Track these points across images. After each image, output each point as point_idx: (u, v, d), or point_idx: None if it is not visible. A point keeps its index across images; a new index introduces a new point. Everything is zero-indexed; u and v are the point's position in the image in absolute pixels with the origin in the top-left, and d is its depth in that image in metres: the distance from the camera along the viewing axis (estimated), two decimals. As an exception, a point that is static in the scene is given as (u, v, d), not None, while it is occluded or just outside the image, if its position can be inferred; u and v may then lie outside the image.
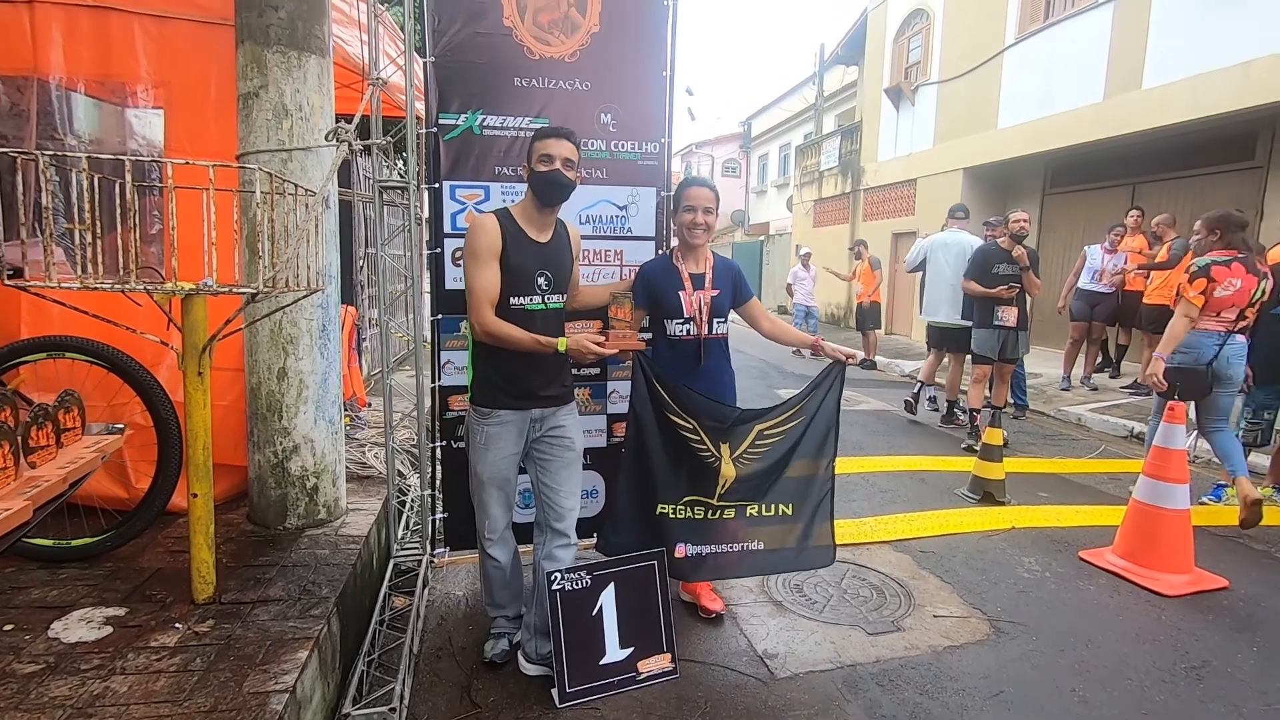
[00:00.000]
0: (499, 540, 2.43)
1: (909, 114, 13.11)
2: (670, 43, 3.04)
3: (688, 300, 2.58)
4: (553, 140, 2.25)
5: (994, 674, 2.46)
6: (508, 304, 2.22)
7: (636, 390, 2.57)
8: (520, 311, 2.24)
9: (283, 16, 2.61)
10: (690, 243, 2.61)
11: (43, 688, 1.76)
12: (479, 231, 2.21)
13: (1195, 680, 2.43)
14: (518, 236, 2.25)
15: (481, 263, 2.18)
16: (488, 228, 2.21)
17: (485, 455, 2.31)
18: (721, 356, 2.69)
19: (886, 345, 11.64)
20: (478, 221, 2.24)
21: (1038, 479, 4.81)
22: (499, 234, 2.20)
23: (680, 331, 2.59)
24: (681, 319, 2.58)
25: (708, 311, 2.58)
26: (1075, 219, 9.91)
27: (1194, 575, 3.17)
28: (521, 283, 2.24)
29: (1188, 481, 3.25)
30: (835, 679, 2.41)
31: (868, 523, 3.83)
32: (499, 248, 2.20)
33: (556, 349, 2.17)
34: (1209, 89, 7.32)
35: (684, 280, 2.60)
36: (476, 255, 2.18)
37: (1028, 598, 3.04)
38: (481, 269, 2.19)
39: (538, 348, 2.18)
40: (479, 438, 2.31)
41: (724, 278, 2.67)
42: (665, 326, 2.60)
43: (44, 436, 1.65)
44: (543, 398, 2.32)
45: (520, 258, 2.23)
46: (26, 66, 2.77)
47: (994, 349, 5.43)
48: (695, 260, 2.65)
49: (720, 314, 2.63)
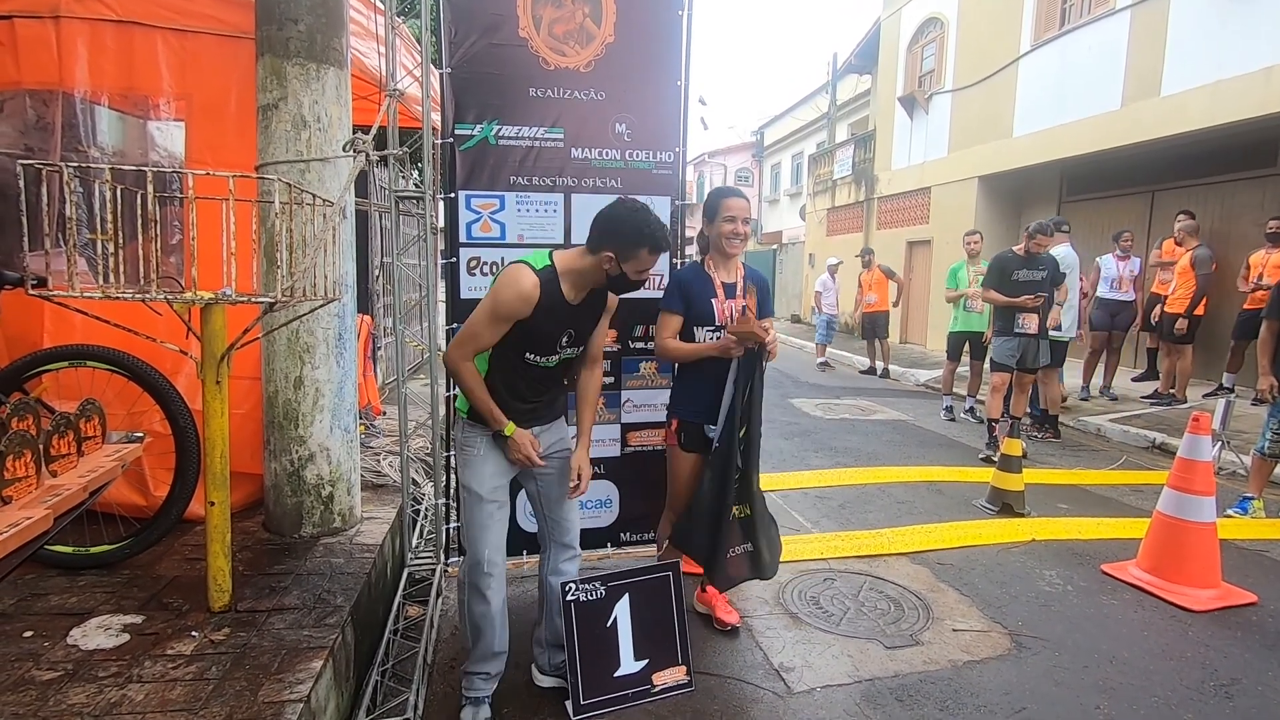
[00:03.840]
0: (496, 576, 2.15)
1: (923, 122, 13.06)
2: (684, 53, 3.05)
3: (720, 308, 2.58)
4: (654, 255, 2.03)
5: (1016, 690, 2.41)
6: (522, 357, 2.07)
7: (743, 387, 2.49)
8: (533, 365, 2.10)
9: (302, 30, 2.65)
10: (728, 252, 2.61)
11: (61, 695, 1.77)
12: (514, 294, 1.95)
13: (1225, 698, 2.37)
14: (553, 305, 2.01)
15: (498, 320, 1.98)
16: (525, 294, 1.95)
17: (483, 468, 2.13)
18: None
19: (901, 354, 11.55)
20: (518, 279, 1.96)
21: (1058, 490, 4.73)
22: (533, 305, 1.96)
23: (711, 338, 2.58)
24: (713, 326, 2.58)
25: None
26: (1092, 227, 9.80)
27: (1221, 590, 3.10)
28: (543, 343, 2.07)
29: (1214, 494, 3.18)
30: (853, 694, 2.37)
31: (884, 534, 3.78)
32: (526, 314, 1.97)
33: (502, 430, 2.07)
34: (1229, 95, 7.23)
35: (717, 288, 2.60)
36: (496, 313, 1.97)
37: (1049, 612, 2.98)
38: (492, 325, 1.99)
39: (490, 420, 2.07)
40: (475, 449, 2.14)
41: (755, 288, 2.68)
42: (696, 334, 2.60)
43: (65, 445, 1.66)
44: (544, 414, 2.24)
45: (549, 324, 2.03)
46: (52, 80, 2.82)
47: (1013, 357, 5.36)
48: (728, 269, 2.65)
49: None
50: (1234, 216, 8.01)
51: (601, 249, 1.99)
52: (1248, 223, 7.71)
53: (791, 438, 6.00)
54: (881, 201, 14.64)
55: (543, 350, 2.07)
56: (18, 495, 1.48)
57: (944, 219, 12.10)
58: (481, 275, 2.90)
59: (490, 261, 2.90)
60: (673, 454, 2.69)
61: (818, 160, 18.54)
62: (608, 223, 2.00)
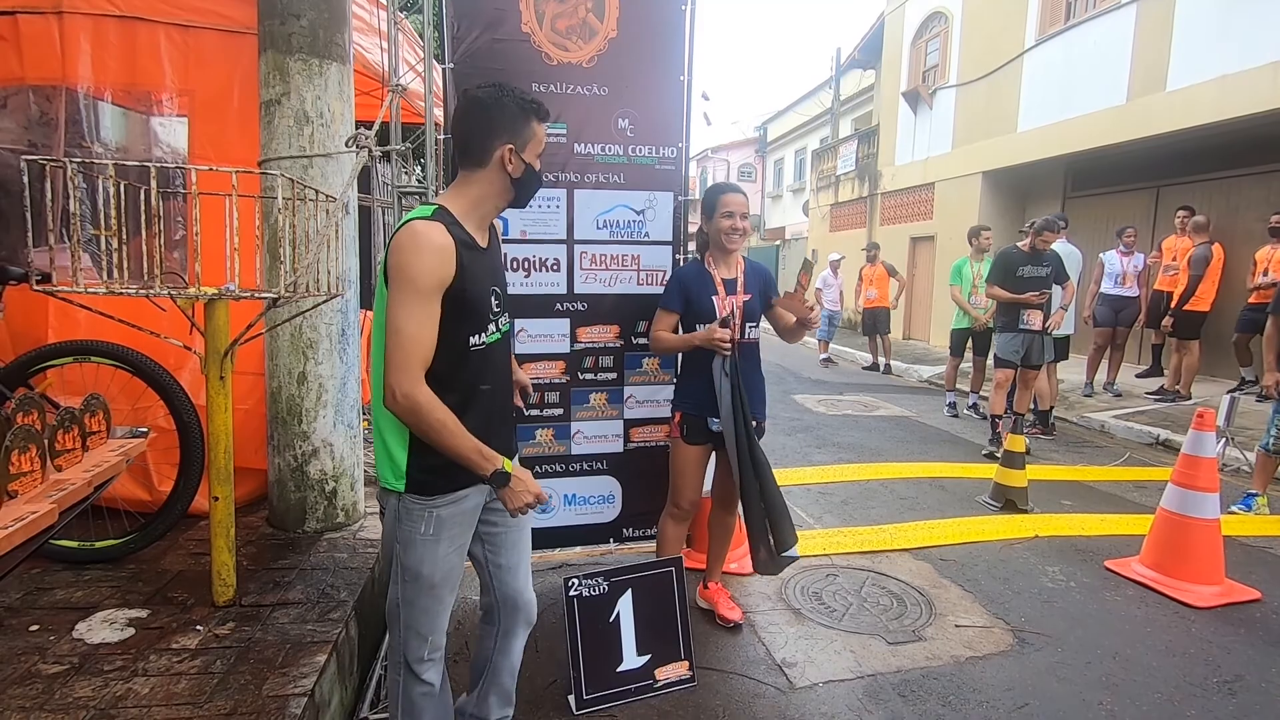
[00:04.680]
0: (442, 651, 1.76)
1: (927, 117, 13.01)
2: (687, 47, 3.04)
3: (721, 305, 2.56)
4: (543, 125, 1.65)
5: (1018, 686, 2.41)
6: (467, 347, 1.57)
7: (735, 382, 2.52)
8: (480, 354, 1.61)
9: (304, 25, 2.64)
10: (727, 247, 2.59)
11: (67, 688, 1.78)
12: (430, 253, 1.44)
13: (1228, 695, 2.37)
14: (472, 253, 1.55)
15: (426, 301, 1.45)
16: (441, 244, 1.46)
17: (436, 550, 1.61)
18: (754, 362, 2.67)
19: (904, 350, 11.53)
20: (425, 233, 1.46)
21: (1061, 487, 4.72)
22: (454, 257, 1.48)
23: None
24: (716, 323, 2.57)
25: (740, 316, 2.56)
26: (1097, 222, 9.76)
27: (1225, 587, 3.10)
28: (478, 313, 1.58)
29: (1218, 490, 3.18)
30: (855, 689, 2.38)
31: (887, 530, 3.78)
32: (451, 273, 1.48)
33: (500, 468, 1.52)
34: (1237, 90, 7.18)
35: (717, 285, 2.58)
36: (421, 290, 1.44)
37: (1052, 608, 2.98)
38: (423, 311, 1.45)
39: (478, 462, 1.50)
40: (424, 528, 1.59)
41: (755, 283, 2.65)
42: (697, 330, 2.59)
43: (70, 440, 1.67)
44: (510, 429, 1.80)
45: (476, 281, 1.55)
46: (55, 76, 2.82)
47: (1018, 353, 5.36)
48: (728, 265, 2.63)
49: (752, 318, 2.61)
50: (1239, 212, 7.97)
51: (492, 149, 1.55)
52: (1253, 218, 7.67)
53: (794, 434, 6.00)
54: (885, 197, 14.59)
55: (480, 323, 1.60)
56: (23, 490, 1.49)
57: (948, 215, 12.07)
58: (484, 271, 2.90)
59: (493, 257, 2.90)
60: (676, 446, 2.69)
61: (821, 156, 18.49)
62: (479, 118, 1.57)
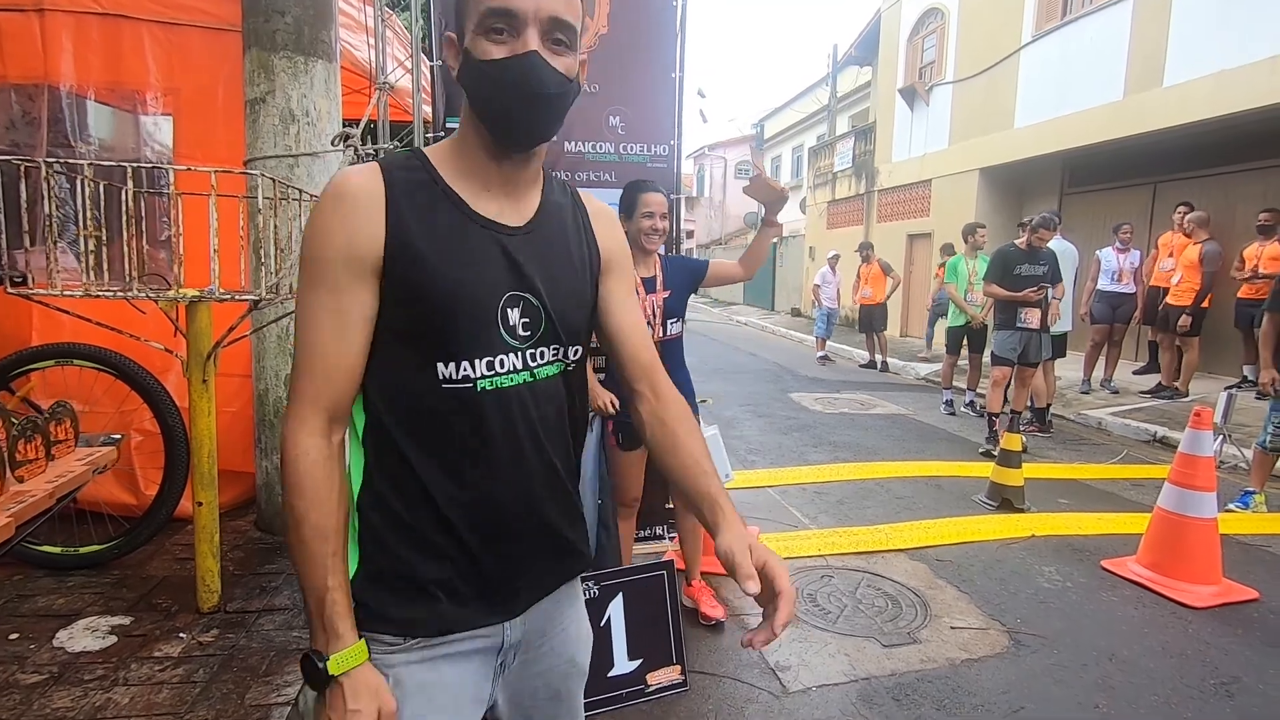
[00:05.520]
0: None
1: (923, 114, 12.98)
2: (679, 44, 3.01)
3: (641, 305, 2.53)
4: None
5: (1014, 688, 2.38)
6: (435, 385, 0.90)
7: None
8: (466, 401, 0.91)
9: (289, 22, 2.61)
10: (646, 247, 2.56)
11: (45, 699, 1.75)
12: (326, 202, 0.89)
13: (1225, 697, 2.34)
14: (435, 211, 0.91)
15: (324, 283, 0.88)
16: (348, 190, 0.88)
17: None
18: (678, 358, 2.66)
19: (900, 348, 11.51)
20: (333, 181, 0.91)
21: (1058, 485, 4.70)
22: (378, 205, 0.88)
23: None
24: None
25: (661, 314, 2.55)
26: (1095, 218, 9.74)
27: (1222, 586, 3.07)
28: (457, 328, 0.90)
29: (1215, 489, 3.15)
30: (849, 693, 2.35)
31: (882, 530, 3.76)
32: (372, 242, 0.87)
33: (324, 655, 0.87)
34: (1233, 86, 7.16)
35: (637, 284, 2.55)
36: (314, 263, 0.88)
37: (1048, 609, 2.95)
38: (318, 296, 0.88)
39: (311, 618, 0.90)
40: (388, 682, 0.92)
41: (674, 277, 2.63)
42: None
43: (32, 450, 1.63)
44: (534, 587, 1.01)
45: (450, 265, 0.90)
46: (37, 74, 2.79)
47: (1015, 351, 5.33)
48: (646, 264, 2.61)
49: (673, 315, 2.60)
50: (1236, 208, 7.95)
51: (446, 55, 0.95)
52: (1249, 214, 7.64)
53: (790, 432, 5.98)
54: (882, 194, 14.56)
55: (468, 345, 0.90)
56: (-12, 500, 1.46)
57: (944, 212, 12.03)
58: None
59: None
60: (613, 455, 2.67)
61: (818, 153, 18.46)
62: None
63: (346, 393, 0.90)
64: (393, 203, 0.88)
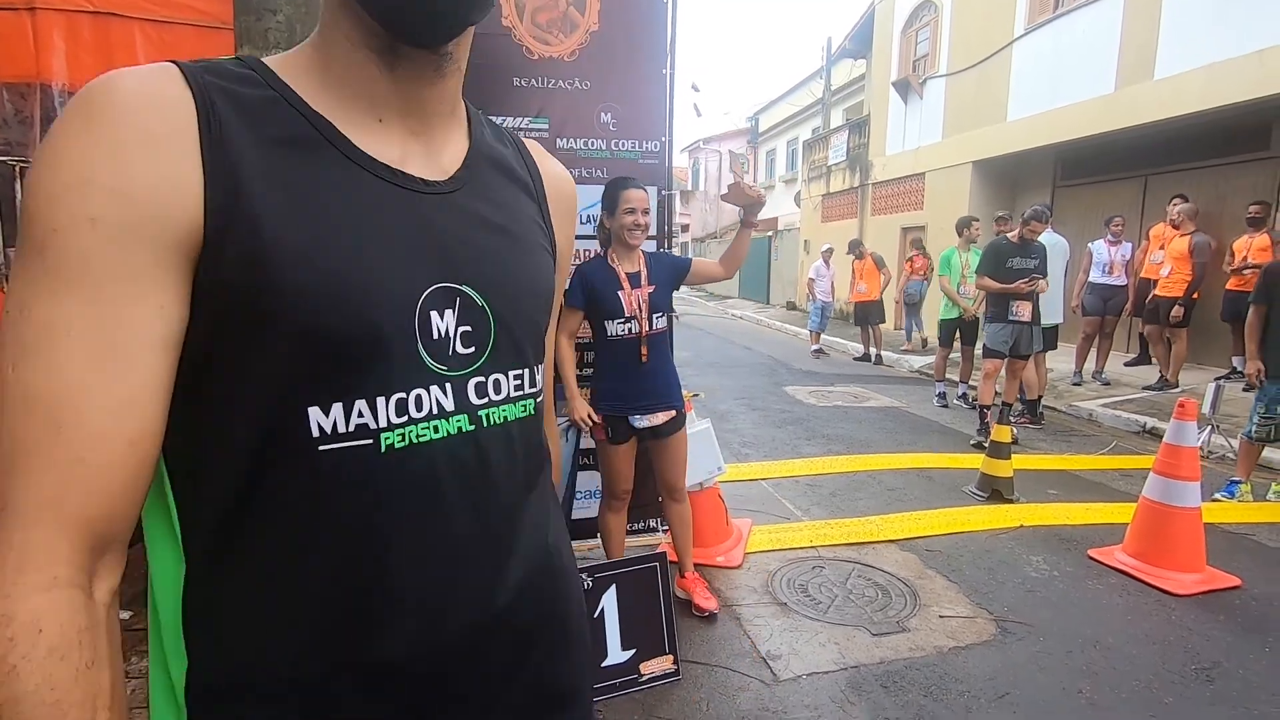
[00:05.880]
0: None
1: (917, 107, 13.00)
2: (670, 40, 3.03)
3: (628, 299, 2.57)
4: None
5: (1000, 675, 2.43)
6: (302, 441, 0.53)
7: None
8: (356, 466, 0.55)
9: (281, 20, 2.62)
10: (629, 243, 2.59)
11: (47, 692, 1.78)
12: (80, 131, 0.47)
13: (1205, 682, 2.40)
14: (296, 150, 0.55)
15: (72, 285, 0.46)
16: (121, 109, 0.48)
17: None
18: (664, 352, 2.70)
19: (895, 340, 11.56)
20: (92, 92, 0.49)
21: (1048, 476, 4.76)
22: (185, 130, 0.49)
23: (622, 331, 2.58)
24: (623, 318, 2.58)
25: (647, 309, 2.59)
26: (1087, 211, 9.78)
27: (1205, 574, 3.13)
28: (352, 345, 0.54)
29: (1199, 479, 3.20)
30: (839, 681, 2.40)
31: (873, 521, 3.81)
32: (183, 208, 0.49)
33: None
34: (1223, 79, 7.20)
35: (622, 280, 2.59)
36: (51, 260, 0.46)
37: (1035, 597, 3.00)
38: (67, 308, 0.46)
39: None
40: None
41: (658, 272, 2.66)
42: (606, 328, 2.59)
43: None
44: None
45: (323, 239, 0.53)
46: (29, 73, 2.79)
47: (1007, 344, 5.39)
48: (630, 260, 2.64)
49: (659, 309, 2.64)
50: (1226, 200, 8.00)
51: None
52: (1240, 206, 7.70)
53: (784, 426, 6.02)
54: (876, 187, 14.58)
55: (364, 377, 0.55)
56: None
57: (938, 204, 12.07)
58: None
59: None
60: (602, 449, 2.71)
61: (812, 146, 18.46)
62: None
63: (124, 488, 0.48)
64: (211, 129, 0.51)
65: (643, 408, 2.61)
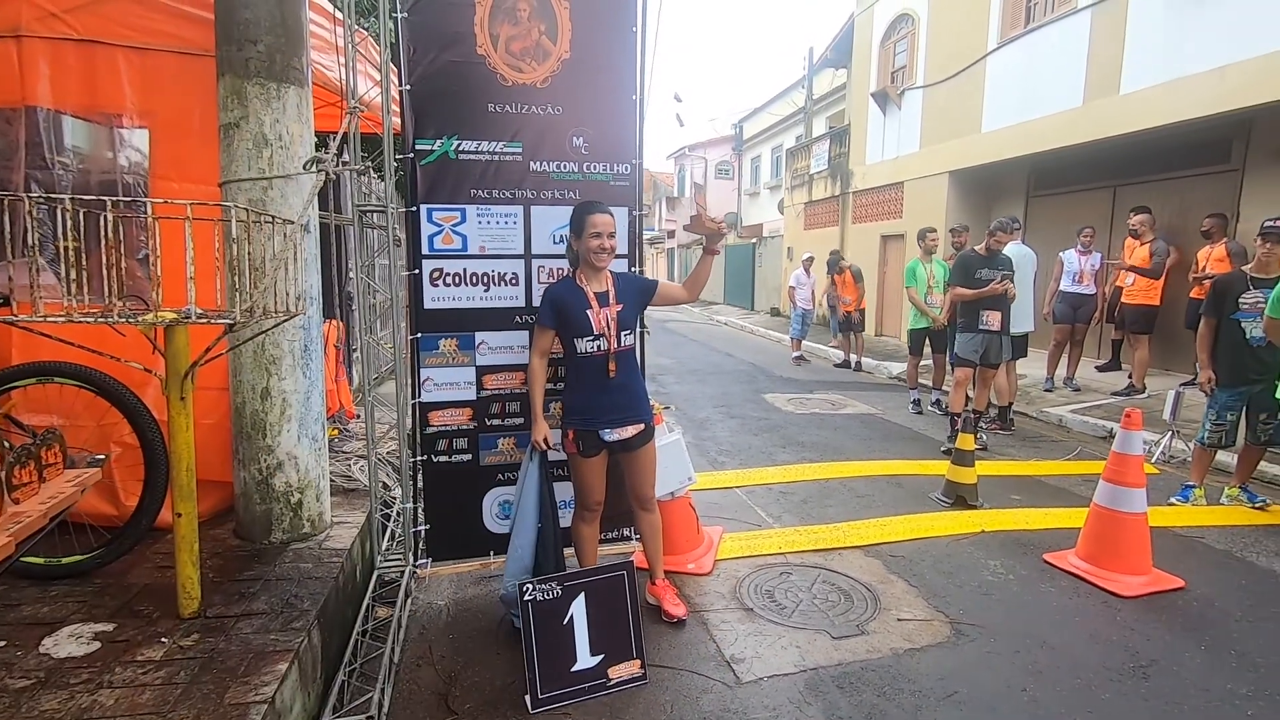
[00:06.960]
0: None
1: (896, 117, 13.23)
2: (639, 67, 3.15)
3: (596, 318, 2.69)
4: None
5: (950, 675, 2.56)
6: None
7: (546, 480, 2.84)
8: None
9: (261, 50, 2.71)
10: (596, 265, 2.71)
11: (34, 702, 1.86)
12: None
13: (1141, 679, 2.54)
14: None
15: None
16: None
17: None
18: (632, 367, 2.84)
19: (876, 347, 11.76)
20: None
21: (1012, 481, 4.91)
22: None
23: (591, 348, 2.70)
24: (592, 336, 2.69)
25: (615, 326, 2.71)
26: (1059, 221, 10.03)
27: (1151, 576, 3.28)
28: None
29: (1145, 485, 3.36)
30: (797, 682, 2.51)
31: (840, 528, 3.94)
32: None
33: None
34: (1185, 94, 7.44)
35: (590, 299, 2.70)
36: None
37: (990, 600, 3.14)
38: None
39: None
40: None
41: (625, 292, 2.79)
42: (576, 346, 2.71)
43: (27, 474, 1.74)
44: None
45: None
46: (15, 99, 2.86)
47: (977, 353, 5.55)
48: (598, 280, 2.76)
49: (626, 326, 2.76)
50: (1191, 211, 8.25)
51: None
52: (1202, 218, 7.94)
53: (760, 433, 6.15)
54: (856, 196, 14.81)
55: None
56: (-16, 519, 1.56)
57: (917, 213, 12.28)
58: (445, 286, 2.99)
59: (452, 273, 2.99)
60: (574, 462, 2.82)
61: (795, 154, 18.69)
62: None
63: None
64: None
65: (612, 421, 2.73)
